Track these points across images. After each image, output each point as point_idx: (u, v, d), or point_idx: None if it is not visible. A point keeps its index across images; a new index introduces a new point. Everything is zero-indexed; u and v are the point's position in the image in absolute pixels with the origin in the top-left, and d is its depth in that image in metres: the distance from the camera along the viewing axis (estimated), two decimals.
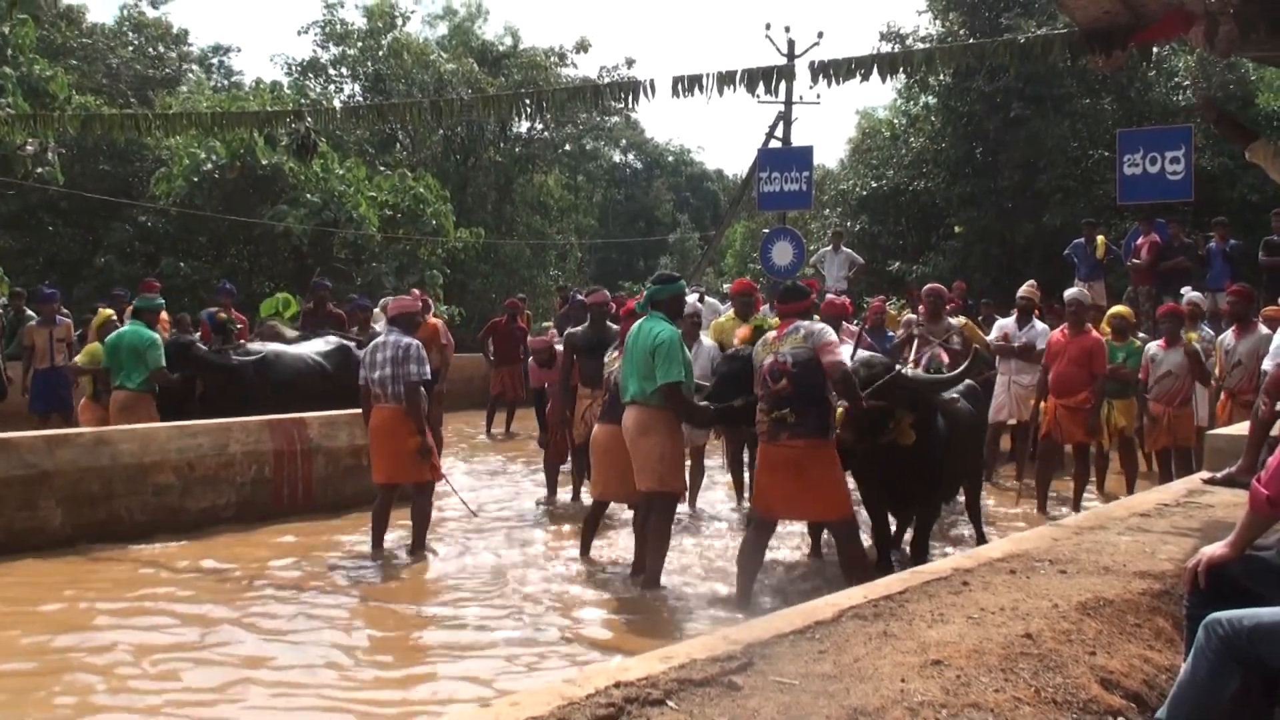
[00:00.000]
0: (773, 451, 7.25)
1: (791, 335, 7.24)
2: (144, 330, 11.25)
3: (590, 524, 9.25)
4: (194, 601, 7.68)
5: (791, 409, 7.07)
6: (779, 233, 22.79)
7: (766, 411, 7.22)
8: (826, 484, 7.23)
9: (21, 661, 6.45)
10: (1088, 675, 3.82)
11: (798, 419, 7.07)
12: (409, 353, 9.14)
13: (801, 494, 7.21)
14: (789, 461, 7.16)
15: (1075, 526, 6.15)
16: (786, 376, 7.09)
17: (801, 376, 7.07)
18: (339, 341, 13.40)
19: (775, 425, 7.16)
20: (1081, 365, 10.54)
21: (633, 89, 13.60)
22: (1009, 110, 24.42)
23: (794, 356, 7.12)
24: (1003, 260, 24.69)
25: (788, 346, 7.19)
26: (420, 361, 9.18)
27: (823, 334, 7.20)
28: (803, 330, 7.24)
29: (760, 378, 7.30)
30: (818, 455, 7.16)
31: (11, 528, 9.02)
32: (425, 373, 9.23)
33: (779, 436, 7.16)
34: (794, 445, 7.11)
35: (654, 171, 65.03)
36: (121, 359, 11.12)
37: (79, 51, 36.68)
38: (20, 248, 28.68)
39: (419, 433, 9.15)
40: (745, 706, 3.31)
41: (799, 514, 7.80)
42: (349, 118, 20.12)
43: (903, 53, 14.85)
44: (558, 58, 41.66)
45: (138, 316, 11.53)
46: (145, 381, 11.13)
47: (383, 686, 6.11)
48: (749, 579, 7.67)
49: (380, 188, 29.46)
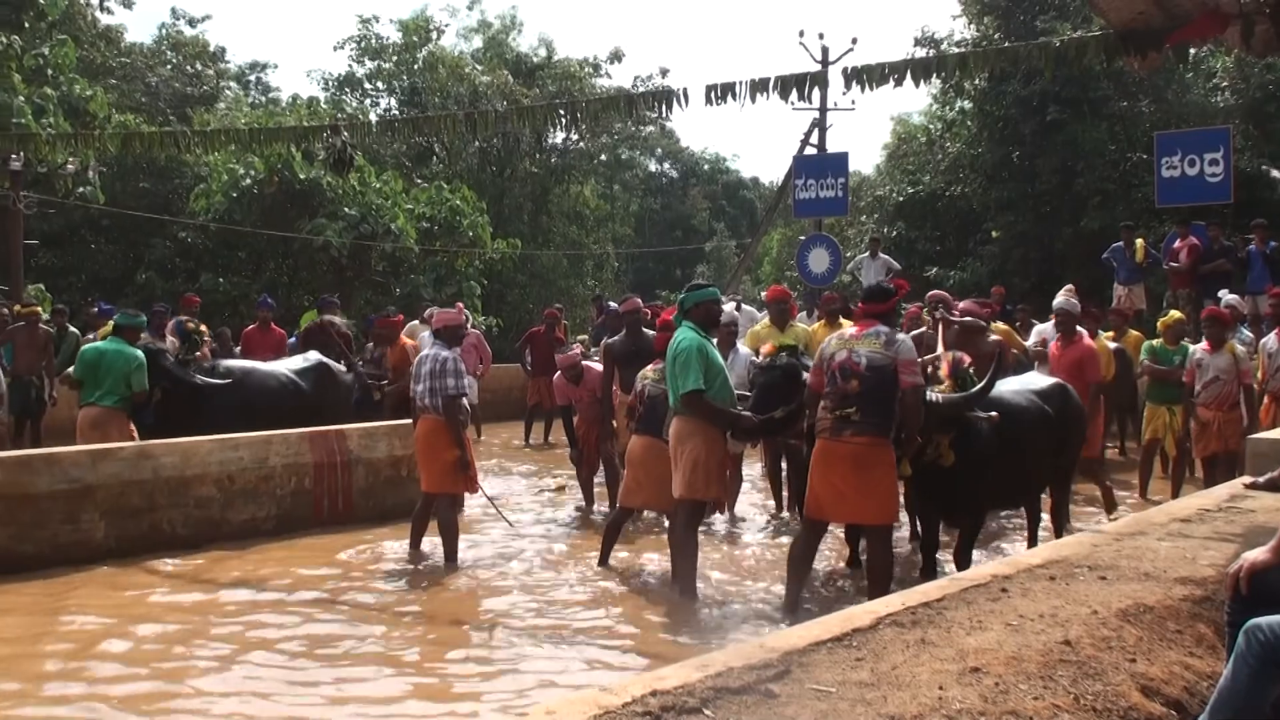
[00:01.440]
0: (833, 448, 7.11)
1: (871, 338, 7.12)
2: (128, 349, 11.03)
3: (611, 532, 9.24)
4: (233, 614, 7.73)
5: (858, 408, 6.97)
6: (815, 240, 22.76)
7: (830, 409, 7.12)
8: (881, 486, 7.11)
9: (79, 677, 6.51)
10: (1128, 682, 3.80)
11: (861, 416, 6.96)
12: (446, 366, 9.23)
13: (855, 494, 7.08)
14: (849, 458, 7.04)
15: (1115, 532, 6.10)
16: (857, 378, 6.99)
17: (872, 381, 6.97)
18: (318, 359, 13.18)
19: (839, 422, 7.05)
20: (1074, 377, 10.15)
21: (666, 98, 13.65)
22: (1045, 114, 24.27)
23: (869, 360, 7.01)
24: (1041, 265, 24.53)
25: (864, 347, 7.07)
26: (458, 375, 9.26)
27: (908, 350, 7.08)
28: (884, 337, 7.10)
29: (829, 371, 7.18)
30: (878, 455, 7.04)
31: (56, 541, 9.09)
32: (463, 386, 9.32)
33: (842, 433, 7.04)
34: (856, 442, 7.00)
35: (690, 180, 65.07)
36: (100, 375, 10.91)
37: (118, 71, 37.09)
38: (63, 265, 28.99)
39: (457, 445, 9.24)
40: (782, 714, 3.30)
41: (848, 515, 7.52)
42: (385, 131, 20.31)
43: (937, 57, 14.84)
44: (592, 68, 41.80)
45: (119, 334, 11.23)
46: (123, 401, 10.95)
47: (417, 697, 6.13)
48: (799, 584, 7.61)
49: (417, 200, 29.61)
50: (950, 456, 7.40)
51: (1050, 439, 8.48)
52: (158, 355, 11.43)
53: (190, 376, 11.65)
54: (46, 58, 26.79)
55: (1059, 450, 8.74)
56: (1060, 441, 8.70)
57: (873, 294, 7.56)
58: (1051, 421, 8.39)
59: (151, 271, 28.54)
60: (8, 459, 9.39)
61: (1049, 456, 8.56)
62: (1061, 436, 8.67)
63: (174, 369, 11.56)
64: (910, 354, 7.09)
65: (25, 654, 6.84)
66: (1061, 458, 8.87)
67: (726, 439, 8.09)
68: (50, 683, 6.32)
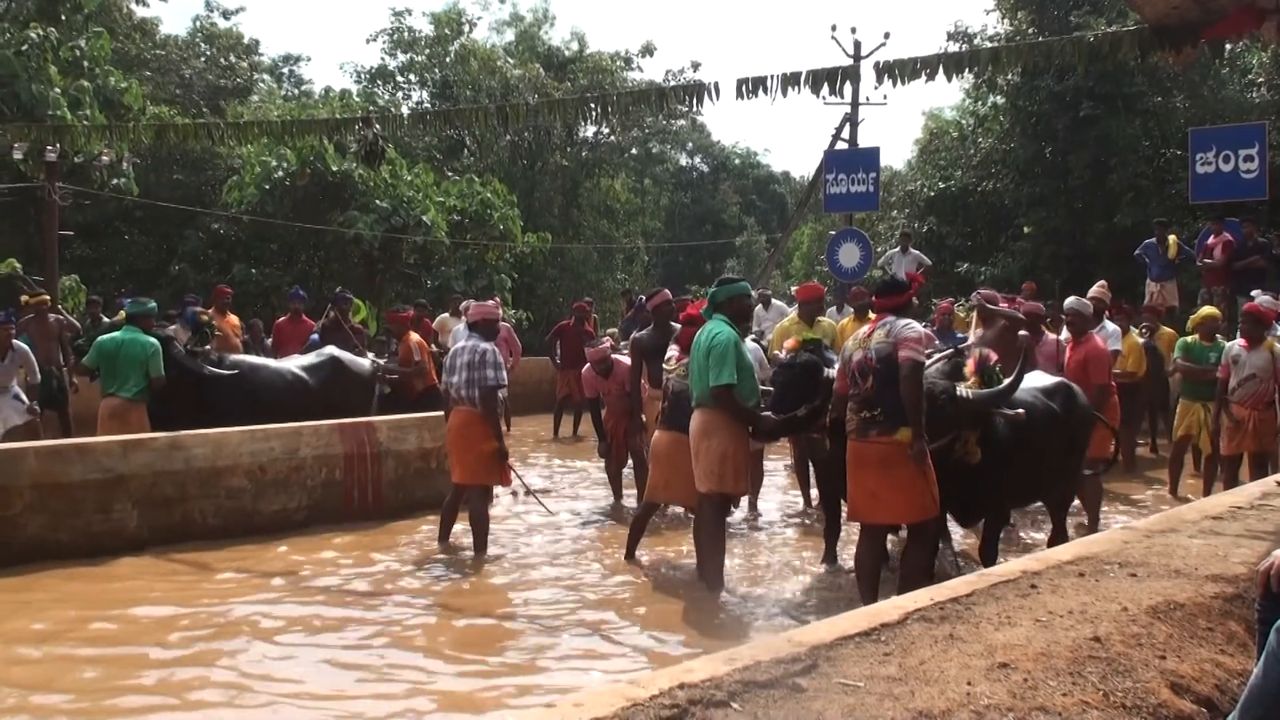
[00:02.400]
0: (861, 449, 7.05)
1: (880, 330, 7.07)
2: (143, 337, 11.10)
3: (637, 526, 9.26)
4: (265, 602, 7.78)
5: (880, 408, 6.90)
6: (846, 234, 22.73)
7: (855, 410, 7.06)
8: (912, 483, 6.94)
9: (113, 665, 6.57)
10: (1157, 679, 3.78)
11: (885, 416, 6.88)
12: (485, 358, 9.28)
13: (888, 494, 6.98)
14: (876, 458, 6.96)
15: (1146, 529, 6.08)
16: (872, 374, 6.94)
17: (884, 373, 6.90)
18: (330, 354, 13.14)
19: (864, 424, 7.00)
20: (1080, 377, 9.95)
21: (697, 92, 13.66)
22: (1079, 109, 24.12)
23: (878, 352, 6.96)
24: (1073, 261, 24.38)
25: (875, 342, 7.03)
26: (496, 367, 9.31)
27: (906, 328, 6.98)
28: (889, 325, 7.04)
29: (850, 374, 7.13)
30: (905, 453, 6.88)
31: (90, 530, 9.17)
32: (501, 378, 9.36)
33: (868, 434, 6.98)
34: (882, 442, 6.91)
35: (720, 174, 64.93)
36: (118, 366, 10.99)
37: (153, 63, 37.32)
38: (97, 256, 29.20)
39: (496, 437, 9.32)
40: (809, 709, 3.30)
41: (884, 516, 7.29)
42: (417, 124, 20.38)
43: (969, 52, 14.78)
44: (624, 62, 41.79)
45: (133, 322, 11.30)
46: (143, 391, 11.01)
47: (442, 686, 6.16)
48: (872, 592, 7.27)
49: (448, 193, 29.68)
50: (977, 453, 7.34)
51: (1060, 437, 8.43)
52: (167, 344, 11.44)
53: (198, 367, 11.65)
54: (82, 50, 26.98)
55: (1069, 449, 8.71)
56: (1070, 440, 8.66)
57: (887, 287, 7.45)
58: (1059, 419, 8.35)
59: (185, 263, 28.72)
60: (41, 448, 9.47)
61: (1059, 455, 8.52)
62: (1070, 435, 8.63)
63: (182, 358, 11.56)
64: (912, 332, 6.98)
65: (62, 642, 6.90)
66: (1071, 457, 8.81)
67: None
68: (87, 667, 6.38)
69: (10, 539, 8.76)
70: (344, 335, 14.53)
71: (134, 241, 30.79)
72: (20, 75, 24.55)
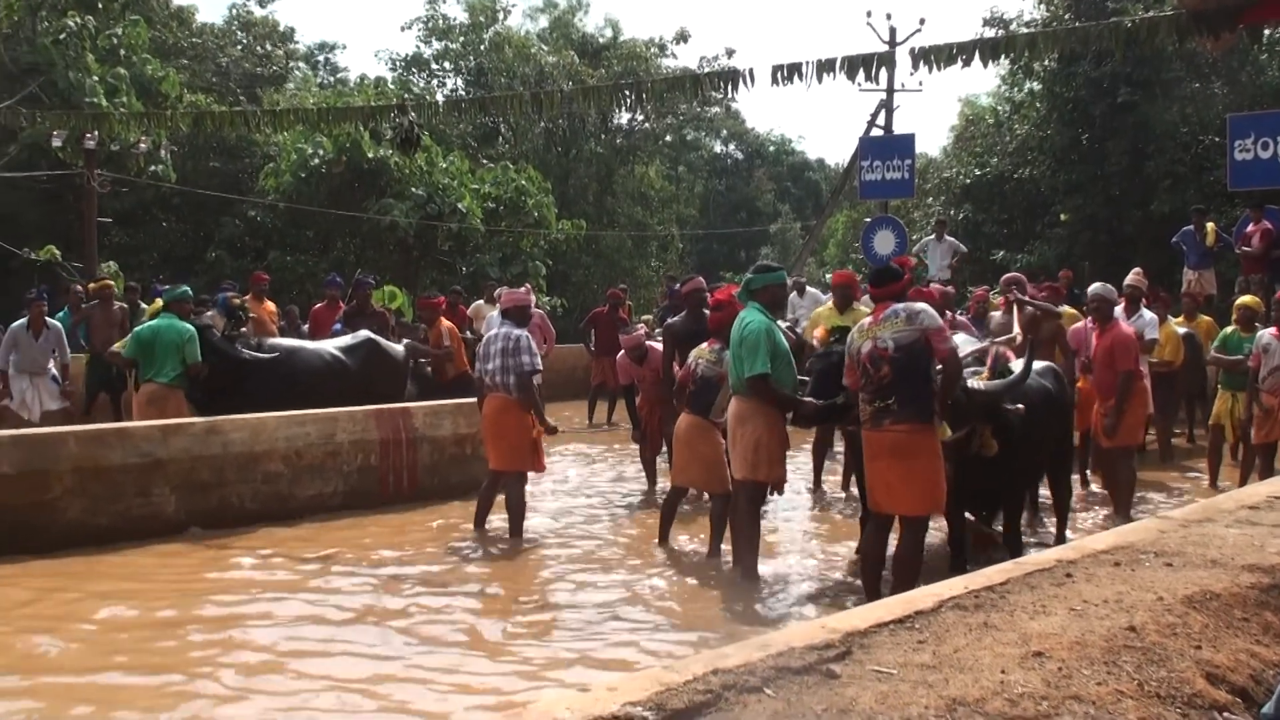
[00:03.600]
0: (876, 438, 7.00)
1: (891, 319, 6.94)
2: (179, 323, 11.13)
3: (667, 511, 9.28)
4: (298, 587, 7.84)
5: (895, 397, 6.82)
6: (881, 221, 22.65)
7: (869, 400, 6.98)
8: (926, 474, 6.91)
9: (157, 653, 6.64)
10: (1193, 669, 3.77)
11: (900, 405, 6.81)
12: (520, 344, 9.31)
13: (902, 483, 6.94)
14: (892, 447, 6.90)
15: (1182, 519, 6.04)
16: (888, 363, 6.84)
17: (904, 361, 6.81)
18: (366, 336, 13.13)
19: (878, 413, 6.92)
20: (1108, 365, 10.01)
21: (732, 78, 13.65)
22: (1116, 95, 23.96)
23: (896, 341, 6.84)
24: (1110, 248, 24.24)
25: (888, 331, 6.91)
26: (532, 352, 9.34)
27: (931, 317, 6.92)
28: (904, 313, 6.91)
29: (860, 364, 7.04)
30: (920, 441, 6.87)
31: (129, 514, 9.26)
32: (537, 363, 9.39)
33: (882, 423, 6.91)
34: (897, 430, 6.85)
35: (755, 161, 64.81)
36: (155, 353, 11.01)
37: (189, 51, 37.54)
38: (135, 243, 29.44)
39: (540, 421, 9.41)
40: (843, 695, 3.31)
41: (898, 506, 7.19)
42: (451, 111, 20.43)
43: (1005, 37, 14.70)
44: (658, 49, 41.79)
45: (169, 309, 11.37)
46: (179, 377, 11.05)
47: (479, 670, 6.19)
48: (876, 581, 7.28)
49: (483, 180, 29.76)
50: (994, 446, 7.36)
51: (1058, 420, 8.58)
52: (205, 330, 11.49)
53: (236, 351, 11.73)
54: (120, 38, 27.20)
55: (1063, 434, 8.85)
56: (1064, 422, 8.83)
57: (883, 276, 7.31)
58: (1054, 401, 8.44)
59: (221, 250, 28.93)
60: (81, 433, 9.57)
61: (1054, 441, 8.65)
62: (1064, 417, 8.79)
63: (220, 344, 11.62)
64: (937, 321, 6.94)
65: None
66: (1065, 441, 8.97)
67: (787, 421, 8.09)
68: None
69: (50, 523, 8.85)
70: (368, 320, 14.51)
71: (171, 228, 31.03)
72: (58, 63, 24.77)
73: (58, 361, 13.91)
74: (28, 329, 13.60)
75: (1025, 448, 7.78)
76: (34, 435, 9.54)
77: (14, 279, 25.98)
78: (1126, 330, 10.35)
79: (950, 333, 7.17)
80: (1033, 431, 7.83)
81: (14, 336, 13.67)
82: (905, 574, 7.00)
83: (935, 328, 6.87)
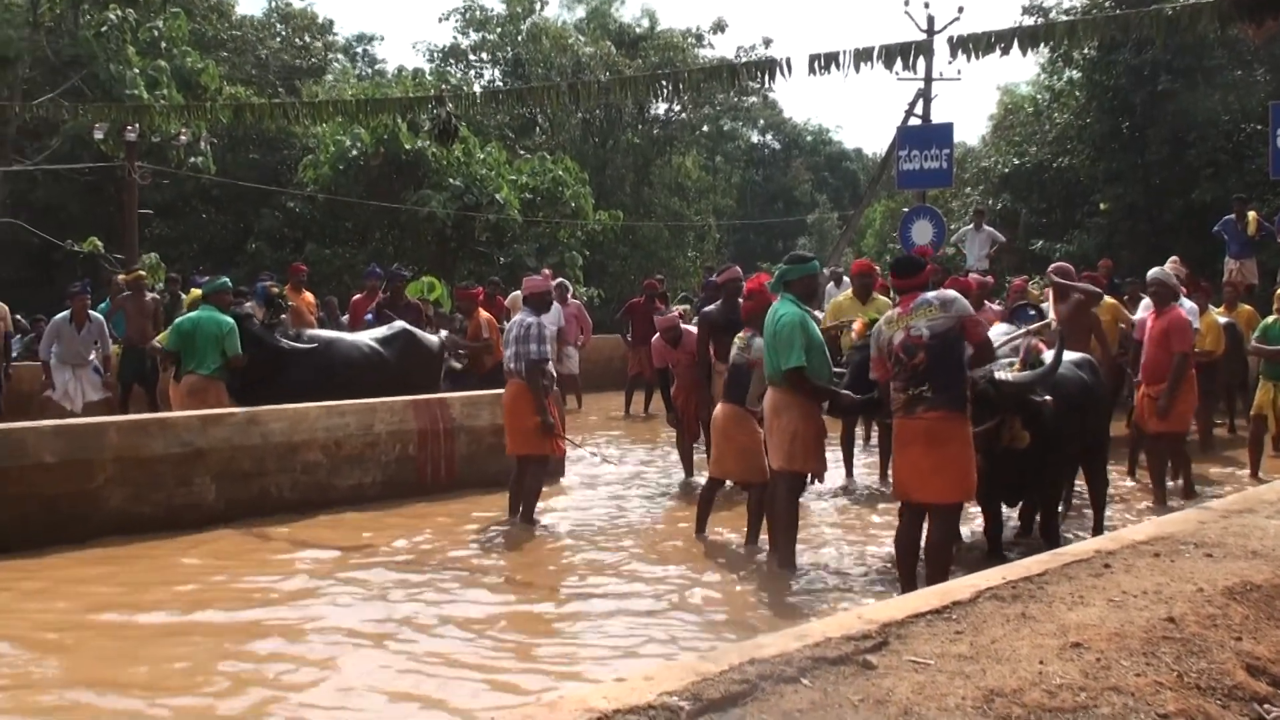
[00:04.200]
0: (908, 425, 6.96)
1: (923, 307, 6.90)
2: (220, 316, 11.17)
3: (705, 502, 9.26)
4: (337, 577, 7.89)
5: (929, 383, 6.79)
6: (919, 211, 22.58)
7: (902, 388, 6.94)
8: (957, 462, 6.87)
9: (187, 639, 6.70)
10: (1233, 660, 3.75)
11: (934, 391, 6.78)
12: (529, 332, 9.41)
13: (933, 472, 6.88)
14: (924, 434, 6.85)
15: (1223, 510, 6.01)
16: (923, 349, 6.80)
17: (939, 348, 6.79)
18: (402, 327, 13.15)
19: (911, 400, 6.88)
20: (1163, 347, 9.97)
21: (768, 68, 13.62)
22: (1156, 83, 23.76)
23: (931, 328, 6.81)
24: (1150, 238, 24.02)
25: (921, 320, 6.87)
26: (540, 340, 9.41)
27: (965, 305, 6.92)
28: (936, 301, 6.89)
29: (891, 355, 7.00)
30: (953, 429, 6.84)
31: (170, 503, 9.33)
32: (545, 351, 9.46)
33: (915, 410, 6.87)
34: (929, 417, 6.81)
35: (792, 151, 64.63)
36: (196, 345, 11.04)
37: (229, 43, 37.76)
38: (175, 235, 29.65)
39: (539, 410, 9.40)
40: (880, 686, 3.31)
41: (928, 494, 7.12)
42: (489, 102, 20.44)
43: (1044, 25, 14.60)
44: (695, 39, 41.65)
45: (208, 301, 11.41)
46: (220, 369, 11.08)
47: (511, 660, 6.20)
48: (911, 573, 7.24)
49: (520, 171, 29.80)
50: (1025, 438, 7.30)
51: (1093, 412, 8.49)
52: (245, 320, 11.55)
53: (275, 340, 11.78)
54: (160, 31, 27.40)
55: (1100, 426, 8.78)
56: (1100, 415, 8.75)
57: (906, 268, 7.27)
58: (1089, 392, 8.35)
59: (261, 241, 29.10)
60: (123, 423, 9.67)
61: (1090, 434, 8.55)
62: (1099, 410, 8.72)
63: (261, 333, 11.69)
64: (969, 309, 6.96)
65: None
66: (1101, 433, 8.91)
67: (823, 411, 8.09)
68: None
69: (92, 512, 8.92)
70: (402, 313, 14.47)
71: (211, 220, 31.24)
72: (99, 56, 24.97)
73: (99, 353, 14.04)
74: (70, 321, 13.74)
75: (1060, 440, 7.71)
76: (76, 425, 9.62)
77: (57, 270, 26.29)
78: (1182, 314, 10.32)
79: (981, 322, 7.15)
80: (1067, 424, 7.75)
81: (56, 329, 13.82)
82: (938, 563, 6.99)
83: (970, 316, 6.90)
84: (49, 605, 7.23)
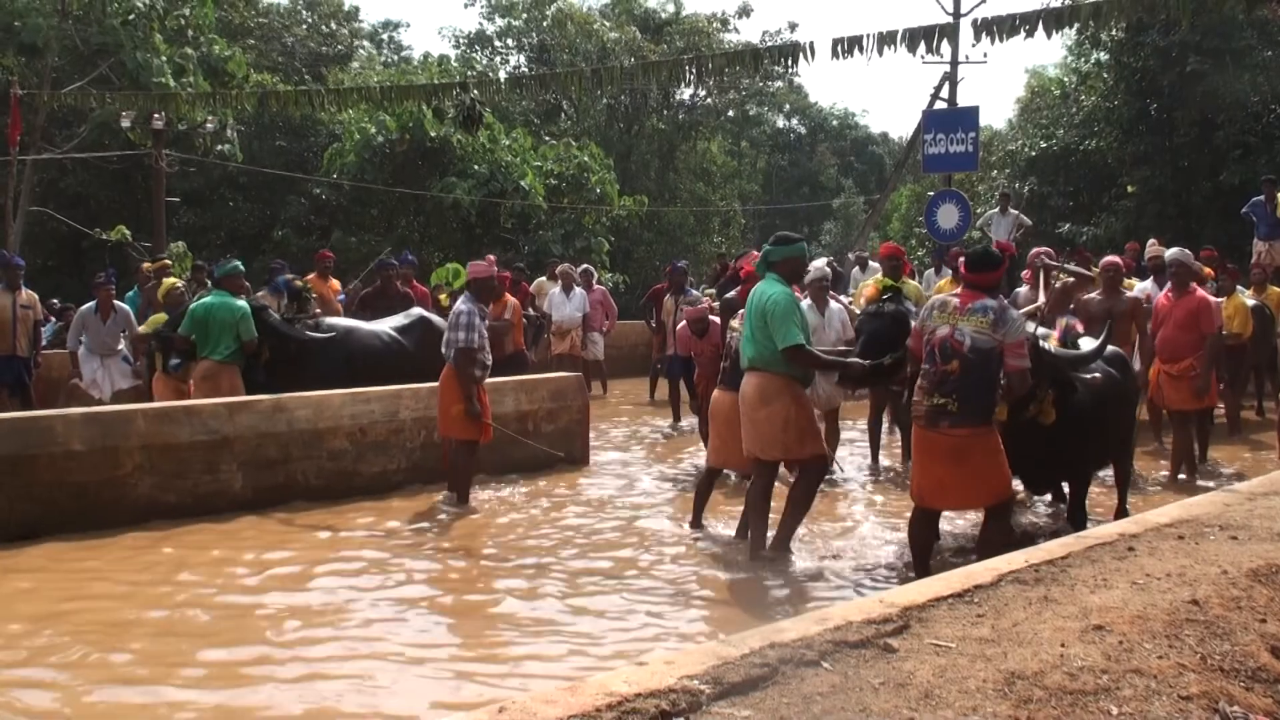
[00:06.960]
0: (930, 438, 6.71)
1: (978, 314, 6.54)
2: (233, 301, 11.14)
3: (702, 491, 9.07)
4: (356, 563, 7.92)
5: (956, 396, 6.51)
6: (945, 195, 22.47)
7: (927, 392, 6.67)
8: (987, 471, 6.66)
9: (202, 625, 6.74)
10: (1257, 643, 3.74)
11: (960, 405, 6.50)
12: (458, 320, 9.62)
13: (958, 484, 6.70)
14: (949, 451, 6.63)
15: (1248, 492, 5.98)
16: (958, 359, 6.51)
17: (974, 364, 6.49)
18: (419, 314, 13.05)
19: (934, 411, 6.59)
20: (1187, 328, 9.90)
21: (792, 52, 13.59)
22: (1184, 64, 23.59)
23: (974, 340, 6.48)
24: (1178, 220, 23.90)
25: (969, 325, 6.53)
26: (468, 329, 9.56)
27: (1017, 330, 6.58)
28: (993, 314, 6.52)
29: (928, 345, 6.72)
30: (981, 443, 6.60)
31: (196, 491, 9.39)
32: (471, 339, 9.56)
33: (938, 424, 6.58)
34: (955, 434, 6.56)
35: (818, 136, 64.33)
36: (210, 330, 11.01)
37: (256, 31, 37.87)
38: (203, 223, 29.83)
39: (466, 398, 9.61)
40: (901, 669, 3.31)
41: (953, 503, 7.12)
42: (514, 89, 20.51)
43: (1070, 7, 14.48)
44: (720, 23, 41.54)
45: (220, 285, 11.40)
46: (234, 353, 11.06)
47: (530, 647, 6.20)
48: (923, 564, 7.07)
49: (545, 157, 29.82)
50: (1051, 414, 7.10)
51: (1125, 408, 8.41)
52: (262, 312, 11.50)
53: (296, 333, 11.71)
54: (187, 19, 27.51)
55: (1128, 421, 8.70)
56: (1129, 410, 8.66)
57: (980, 261, 6.84)
58: (1120, 388, 8.23)
59: (287, 228, 29.24)
60: (150, 410, 9.72)
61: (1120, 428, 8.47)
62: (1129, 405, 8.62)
63: (278, 325, 11.60)
64: (1019, 335, 6.57)
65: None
66: (1128, 427, 8.80)
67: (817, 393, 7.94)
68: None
69: (120, 499, 8.98)
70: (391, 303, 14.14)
71: (238, 208, 31.40)
72: (127, 44, 25.08)
73: (128, 341, 14.11)
74: (95, 312, 13.81)
75: (1090, 431, 7.57)
76: (104, 413, 9.66)
77: (86, 258, 26.50)
78: (1206, 295, 10.34)
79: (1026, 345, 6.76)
80: (1098, 419, 7.66)
81: (83, 319, 13.89)
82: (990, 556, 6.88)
83: (1014, 342, 6.55)
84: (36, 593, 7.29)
